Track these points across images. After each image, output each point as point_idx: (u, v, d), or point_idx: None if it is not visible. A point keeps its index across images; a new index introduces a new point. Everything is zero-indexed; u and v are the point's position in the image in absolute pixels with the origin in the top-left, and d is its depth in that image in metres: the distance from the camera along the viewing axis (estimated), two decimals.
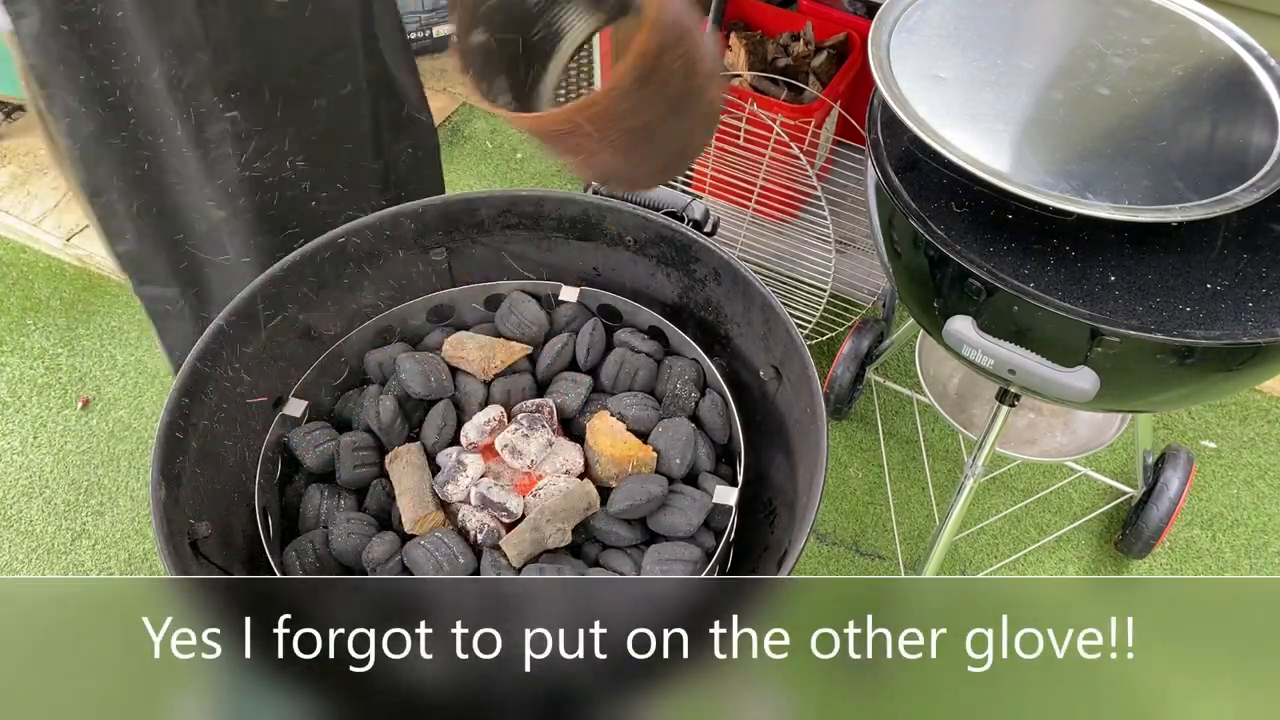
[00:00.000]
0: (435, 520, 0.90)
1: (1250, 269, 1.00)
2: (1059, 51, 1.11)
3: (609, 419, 0.95)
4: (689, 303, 1.07)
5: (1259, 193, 0.94)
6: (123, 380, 1.87)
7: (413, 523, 0.89)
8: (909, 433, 1.77)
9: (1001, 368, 0.97)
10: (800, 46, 1.95)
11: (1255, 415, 1.80)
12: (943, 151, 0.97)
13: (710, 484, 0.93)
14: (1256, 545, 1.63)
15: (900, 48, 1.08)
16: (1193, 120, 1.04)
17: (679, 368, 1.00)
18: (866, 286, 1.88)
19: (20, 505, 1.69)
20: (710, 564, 0.86)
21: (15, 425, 1.80)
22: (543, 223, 1.06)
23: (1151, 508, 1.49)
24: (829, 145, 1.96)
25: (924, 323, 1.15)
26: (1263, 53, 1.09)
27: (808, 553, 1.63)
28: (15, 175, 2.28)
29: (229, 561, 0.90)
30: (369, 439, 0.97)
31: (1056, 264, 1.00)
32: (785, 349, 0.94)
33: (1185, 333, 0.92)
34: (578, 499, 0.89)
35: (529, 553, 0.86)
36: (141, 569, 1.61)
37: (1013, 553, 1.62)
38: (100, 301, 2.02)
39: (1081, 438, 1.50)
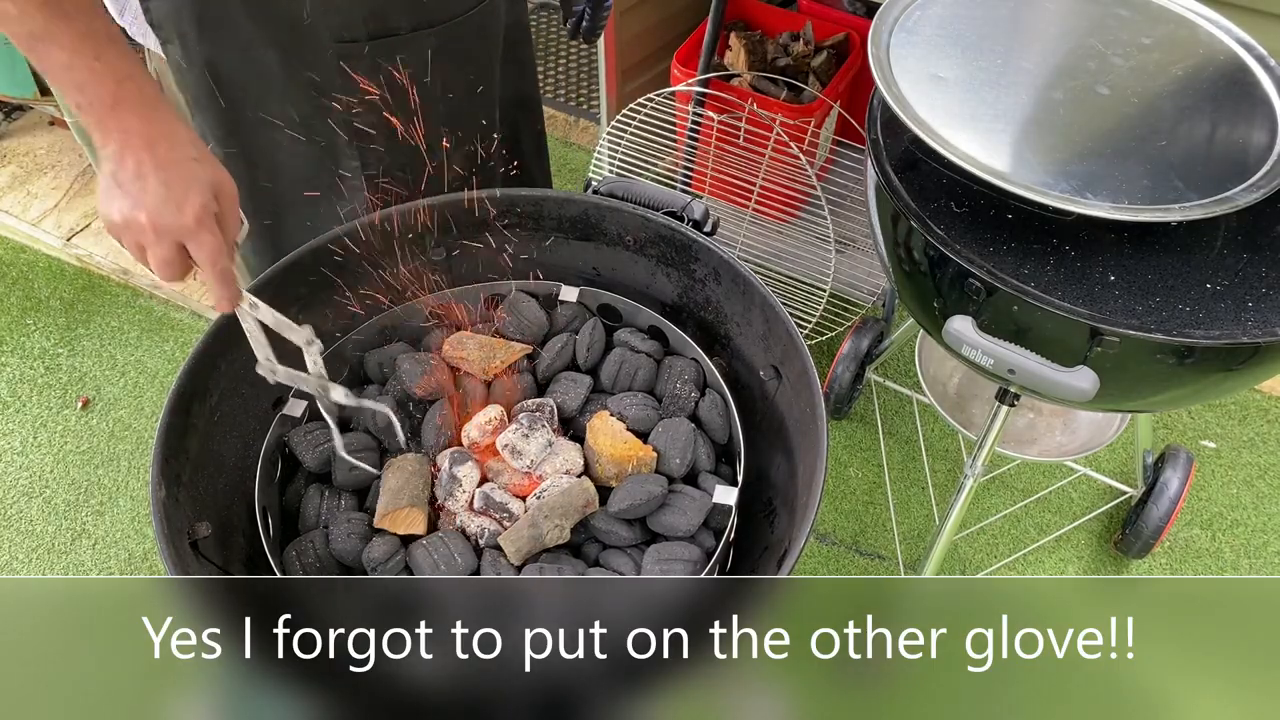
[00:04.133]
0: (412, 519, 0.89)
1: (1250, 269, 1.00)
2: (1059, 51, 1.11)
3: (609, 419, 0.95)
4: (689, 302, 1.07)
5: (1259, 192, 0.94)
6: (123, 380, 1.87)
7: (380, 517, 0.88)
8: (909, 433, 1.77)
9: (1001, 367, 0.97)
10: (800, 46, 1.95)
11: (1255, 415, 1.80)
12: (943, 151, 0.97)
13: (710, 484, 0.93)
14: (1256, 545, 1.63)
15: (900, 48, 1.08)
16: (1192, 120, 1.04)
17: (679, 367, 1.00)
18: (866, 286, 1.88)
19: (20, 505, 1.69)
20: (710, 564, 0.86)
21: (15, 425, 1.80)
22: (543, 223, 1.06)
23: (1151, 508, 1.49)
24: (829, 145, 1.96)
25: (924, 323, 1.15)
26: (1263, 53, 1.09)
27: (808, 553, 1.63)
28: (15, 175, 2.28)
29: (229, 561, 0.90)
30: (368, 440, 0.97)
31: (1056, 264, 1.00)
32: (785, 349, 0.94)
33: (1185, 333, 0.92)
34: (576, 496, 0.89)
35: (527, 550, 0.86)
36: (141, 569, 1.61)
37: (1013, 553, 1.62)
38: (100, 301, 2.02)
39: (1081, 437, 1.50)
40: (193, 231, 0.75)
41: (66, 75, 0.72)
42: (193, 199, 0.74)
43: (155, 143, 0.74)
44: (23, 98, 2.08)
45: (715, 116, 1.80)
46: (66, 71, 0.71)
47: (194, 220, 0.74)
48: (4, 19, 0.70)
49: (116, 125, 0.73)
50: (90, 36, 0.71)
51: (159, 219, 0.73)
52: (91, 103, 0.72)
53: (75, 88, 0.72)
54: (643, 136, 1.91)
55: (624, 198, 1.03)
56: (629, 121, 1.91)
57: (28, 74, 1.99)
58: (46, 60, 0.72)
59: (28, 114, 2.42)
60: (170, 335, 1.96)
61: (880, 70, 1.05)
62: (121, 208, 0.74)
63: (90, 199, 2.22)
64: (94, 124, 0.73)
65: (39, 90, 2.03)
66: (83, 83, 0.72)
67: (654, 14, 2.10)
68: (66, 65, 0.71)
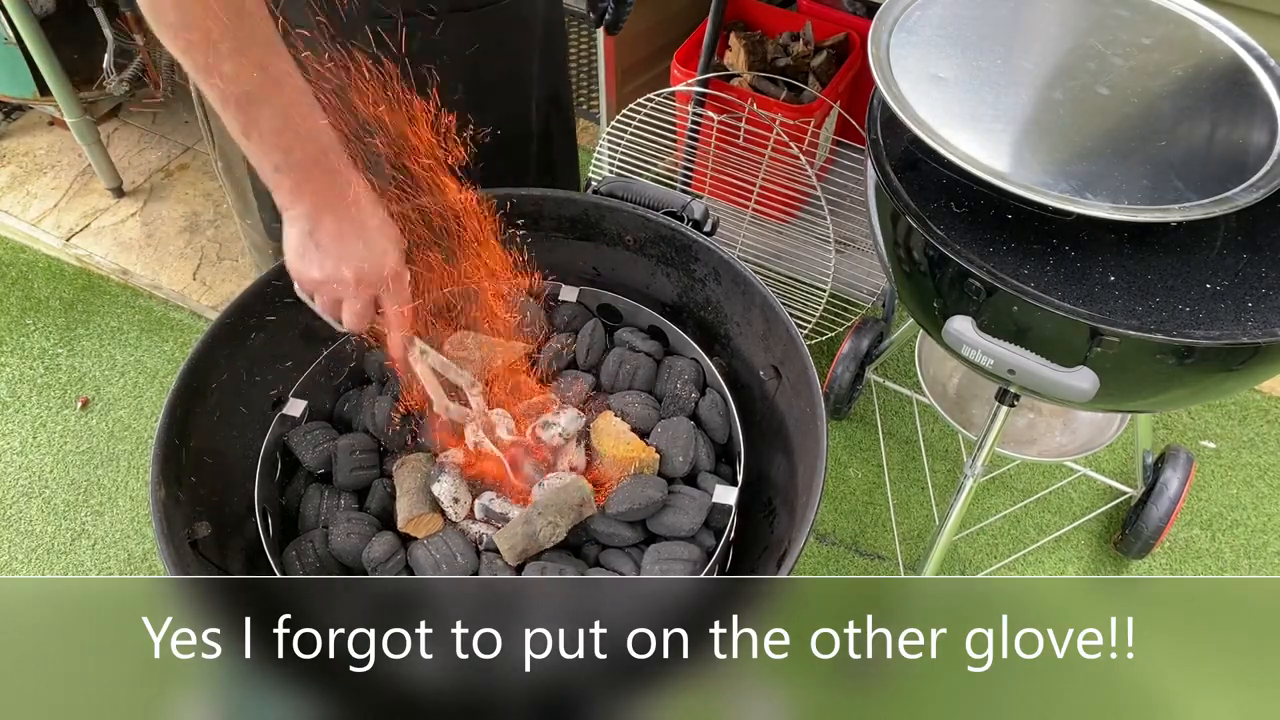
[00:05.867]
0: (432, 523, 0.89)
1: (1250, 269, 1.00)
2: (1059, 51, 1.11)
3: (612, 419, 0.95)
4: (689, 302, 1.07)
5: (1259, 193, 0.94)
6: (123, 380, 1.87)
7: (404, 521, 0.89)
8: (909, 433, 1.77)
9: (1001, 368, 0.97)
10: (800, 46, 1.95)
11: (1255, 415, 1.80)
12: (942, 151, 0.97)
13: (710, 483, 0.93)
14: (1256, 545, 1.63)
15: (900, 48, 1.08)
16: (1192, 120, 1.04)
17: (679, 367, 1.00)
18: (866, 286, 1.88)
19: (20, 505, 1.69)
20: (710, 564, 0.86)
21: (15, 425, 1.80)
22: (542, 223, 1.06)
23: (1151, 508, 1.49)
24: (829, 145, 1.96)
25: (924, 323, 1.15)
26: (1263, 53, 1.09)
27: (808, 553, 1.63)
28: (15, 175, 2.28)
29: (229, 561, 0.90)
30: (368, 440, 0.97)
31: (1056, 264, 1.00)
32: (785, 349, 0.94)
33: (1185, 333, 0.92)
34: (571, 493, 0.88)
35: (521, 546, 0.86)
36: (141, 569, 1.61)
37: (1013, 553, 1.62)
38: (100, 301, 2.02)
39: (1081, 438, 1.50)
40: (390, 287, 0.82)
41: (274, 138, 0.74)
42: (389, 258, 0.81)
43: (349, 207, 0.78)
44: (22, 98, 2.08)
45: (715, 116, 1.80)
46: (275, 135, 0.74)
47: (392, 276, 0.82)
48: (218, 78, 0.72)
49: (312, 189, 0.77)
50: (299, 103, 0.74)
51: (363, 275, 0.80)
52: (293, 165, 0.76)
53: (281, 150, 0.75)
54: (643, 136, 1.92)
55: (624, 198, 1.03)
56: (629, 121, 1.91)
57: (27, 74, 1.99)
58: (254, 122, 0.74)
59: (27, 114, 2.42)
60: (170, 335, 1.96)
61: (880, 70, 1.05)
62: (324, 266, 0.79)
63: (89, 198, 2.22)
64: (289, 186, 0.77)
65: (38, 90, 2.03)
66: (289, 146, 0.75)
67: (654, 14, 2.10)
68: (277, 129, 0.74)
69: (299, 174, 0.76)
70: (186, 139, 2.36)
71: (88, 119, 2.06)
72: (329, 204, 0.78)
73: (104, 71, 2.08)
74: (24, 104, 2.24)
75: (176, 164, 2.32)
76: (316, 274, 0.80)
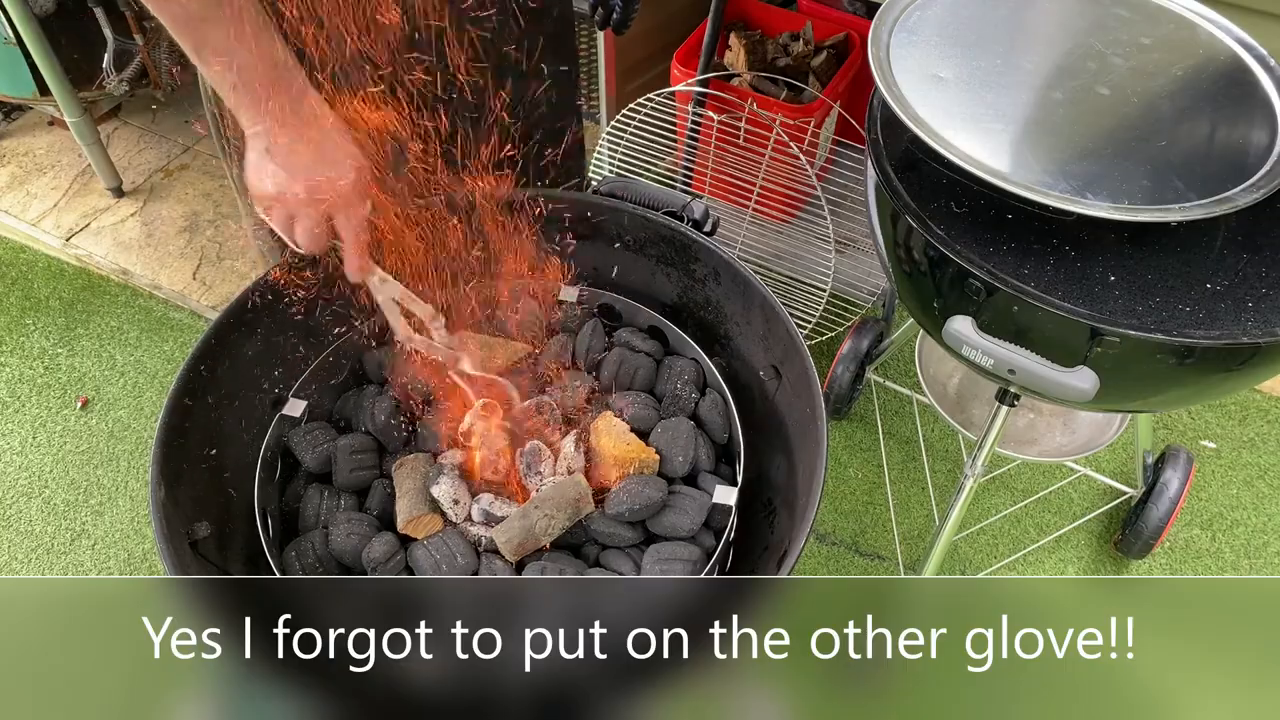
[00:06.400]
0: (432, 524, 0.89)
1: (1250, 269, 1.00)
2: (1059, 52, 1.11)
3: (612, 419, 0.95)
4: (689, 302, 1.07)
5: (1259, 193, 0.94)
6: (122, 380, 1.87)
7: (404, 523, 0.89)
8: (909, 433, 1.77)
9: (1001, 368, 0.97)
10: (800, 46, 1.95)
11: (1255, 415, 1.80)
12: (943, 151, 0.97)
13: (710, 484, 0.93)
14: (1256, 545, 1.63)
15: (900, 48, 1.08)
16: (1192, 120, 1.04)
17: (679, 367, 1.00)
18: (866, 286, 1.88)
19: (20, 505, 1.68)
20: (710, 564, 0.86)
21: (15, 425, 1.80)
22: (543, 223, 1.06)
23: (1151, 508, 1.49)
24: (829, 145, 1.96)
25: (924, 323, 1.15)
26: (1263, 53, 1.09)
27: (808, 553, 1.63)
28: (15, 175, 2.28)
29: (229, 561, 0.90)
30: (367, 441, 0.97)
31: (1056, 264, 1.00)
32: (785, 349, 0.94)
33: (1185, 333, 0.92)
34: (568, 489, 0.88)
35: (519, 540, 0.86)
36: (141, 569, 1.61)
37: (1013, 553, 1.62)
38: (100, 301, 2.02)
39: (1081, 438, 1.50)
40: (344, 201, 0.80)
41: (225, 56, 0.75)
42: (344, 171, 0.79)
43: (307, 122, 0.78)
44: (22, 98, 2.08)
45: (715, 116, 1.80)
46: (225, 53, 0.74)
47: (346, 190, 0.80)
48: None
49: (269, 105, 0.77)
50: (247, 20, 0.74)
51: (316, 188, 0.79)
52: (247, 83, 0.76)
53: (234, 69, 0.75)
54: (643, 136, 1.91)
55: (624, 198, 1.03)
56: (629, 121, 1.91)
57: (27, 74, 1.99)
58: (204, 41, 0.74)
59: (27, 114, 2.42)
60: (169, 335, 1.96)
61: (880, 70, 1.04)
62: (277, 178, 0.78)
63: (89, 198, 2.22)
64: (247, 103, 0.77)
65: (38, 90, 2.03)
66: (242, 64, 0.75)
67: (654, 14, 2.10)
68: (226, 48, 0.74)
69: (255, 91, 0.76)
70: (186, 139, 2.36)
71: (87, 119, 2.06)
72: (288, 120, 0.78)
73: (104, 71, 2.08)
74: (24, 104, 2.23)
75: (176, 164, 2.32)
76: (270, 187, 0.79)
